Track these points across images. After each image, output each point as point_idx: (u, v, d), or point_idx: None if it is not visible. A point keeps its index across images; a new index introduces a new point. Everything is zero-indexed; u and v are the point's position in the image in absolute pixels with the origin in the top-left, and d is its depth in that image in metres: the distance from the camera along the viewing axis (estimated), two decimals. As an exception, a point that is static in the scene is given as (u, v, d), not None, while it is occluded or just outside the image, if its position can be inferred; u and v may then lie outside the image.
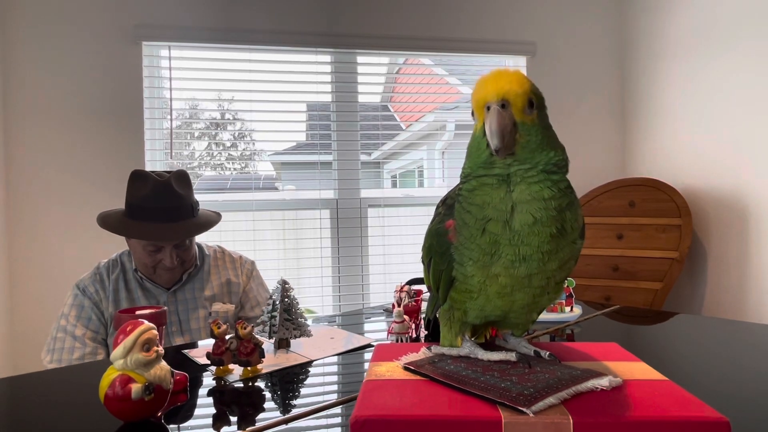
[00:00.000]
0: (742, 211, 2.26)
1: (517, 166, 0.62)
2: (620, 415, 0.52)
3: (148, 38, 2.43)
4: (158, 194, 1.45)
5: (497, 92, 0.62)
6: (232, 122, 3.16)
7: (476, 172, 0.66)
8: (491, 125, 0.61)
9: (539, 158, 0.62)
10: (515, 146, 0.62)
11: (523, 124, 0.63)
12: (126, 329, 0.74)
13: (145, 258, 1.48)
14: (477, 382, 0.60)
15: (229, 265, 1.66)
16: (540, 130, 0.63)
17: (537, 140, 0.63)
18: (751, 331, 1.34)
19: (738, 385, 0.89)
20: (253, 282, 1.67)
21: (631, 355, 0.72)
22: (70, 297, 1.50)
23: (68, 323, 1.45)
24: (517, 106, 0.62)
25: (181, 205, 1.47)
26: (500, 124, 0.61)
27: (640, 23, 2.84)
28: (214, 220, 1.57)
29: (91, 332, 1.45)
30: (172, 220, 1.45)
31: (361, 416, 0.54)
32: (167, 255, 1.47)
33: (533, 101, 0.63)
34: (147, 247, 1.46)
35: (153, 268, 1.50)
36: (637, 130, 2.88)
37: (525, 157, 0.62)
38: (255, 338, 0.98)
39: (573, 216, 0.64)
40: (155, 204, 1.44)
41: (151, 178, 1.46)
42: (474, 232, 0.64)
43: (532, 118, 0.63)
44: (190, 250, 1.54)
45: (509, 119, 0.61)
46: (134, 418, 0.74)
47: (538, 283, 0.64)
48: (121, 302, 1.50)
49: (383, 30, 2.68)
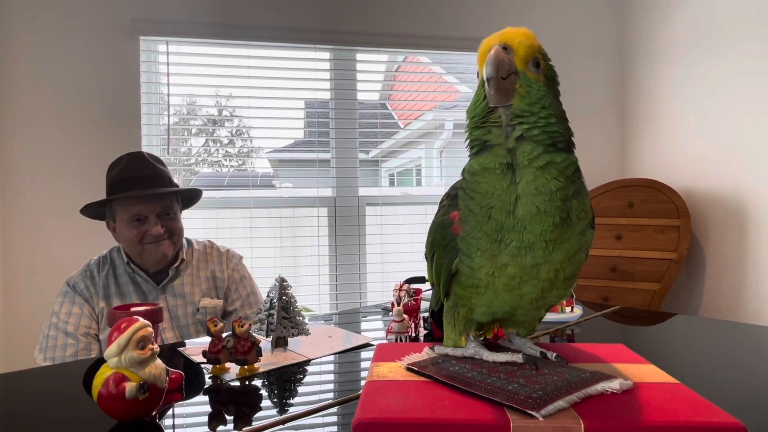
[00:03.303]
0: (741, 212, 2.26)
1: (519, 127, 0.60)
2: (633, 419, 0.51)
3: (145, 33, 2.40)
4: (133, 165, 1.49)
5: (501, 37, 0.61)
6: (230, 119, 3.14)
7: (474, 134, 0.64)
8: (488, 58, 0.60)
9: (539, 114, 0.60)
10: (513, 95, 0.61)
11: (524, 75, 0.61)
12: (120, 326, 0.72)
13: (131, 233, 1.47)
14: (483, 384, 0.58)
15: (216, 258, 1.65)
16: (543, 89, 0.62)
17: (538, 95, 0.61)
18: (749, 332, 1.33)
19: (741, 387, 0.88)
20: (236, 275, 1.65)
21: (639, 357, 0.71)
22: (61, 294, 1.49)
23: (60, 320, 1.44)
24: (519, 54, 0.61)
25: (157, 174, 1.51)
26: (497, 57, 0.59)
27: (639, 25, 2.83)
28: (196, 191, 1.63)
29: (83, 328, 1.44)
30: (152, 186, 1.48)
31: (364, 419, 0.52)
32: (152, 223, 1.47)
33: (540, 62, 0.62)
34: (131, 220, 1.46)
35: (141, 245, 1.48)
36: (637, 131, 2.87)
37: (523, 108, 0.60)
38: (252, 336, 0.96)
39: (580, 205, 0.62)
40: (131, 173, 1.47)
41: (125, 156, 1.52)
42: (480, 219, 0.62)
43: (537, 77, 0.62)
44: (176, 222, 1.54)
45: (508, 59, 0.60)
46: (128, 417, 0.72)
47: (546, 275, 0.62)
48: (111, 297, 1.50)
49: (382, 27, 2.66)
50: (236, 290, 1.63)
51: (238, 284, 1.64)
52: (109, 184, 1.50)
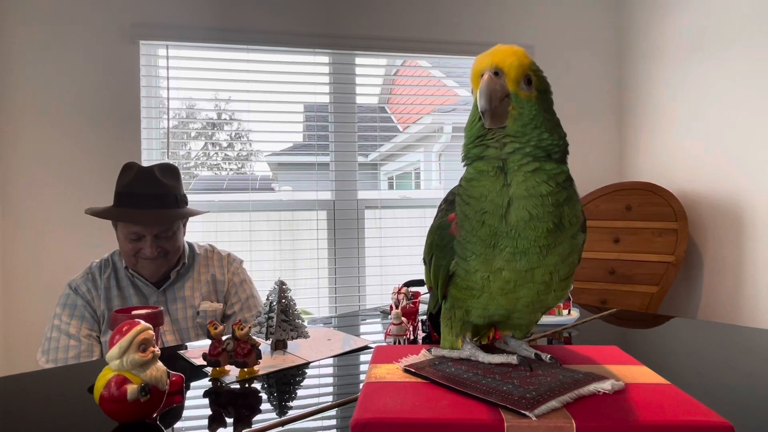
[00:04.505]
0: (738, 215, 2.27)
1: (510, 145, 0.62)
2: (624, 419, 0.52)
3: (145, 37, 2.42)
4: (140, 181, 1.48)
5: (491, 61, 0.63)
6: (229, 122, 3.15)
7: (471, 152, 0.66)
8: (480, 88, 0.62)
9: (531, 135, 0.62)
10: (506, 118, 0.63)
11: (516, 96, 0.63)
12: (122, 329, 0.73)
13: (127, 246, 1.49)
14: (478, 385, 0.59)
15: (216, 263, 1.66)
16: (536, 108, 0.63)
17: (530, 115, 0.63)
18: (746, 335, 1.34)
19: (735, 389, 0.89)
20: (236, 278, 1.66)
21: (632, 359, 0.72)
22: (63, 297, 1.50)
23: (62, 322, 1.45)
24: (510, 77, 0.63)
25: (163, 194, 1.49)
26: (489, 87, 0.62)
27: (637, 27, 2.85)
28: (194, 212, 1.60)
29: (85, 330, 1.45)
30: (153, 207, 1.47)
31: (362, 419, 0.53)
32: (147, 244, 1.47)
33: (531, 79, 0.63)
34: (129, 235, 1.47)
35: (135, 258, 1.50)
36: (634, 134, 2.88)
37: (516, 130, 0.62)
38: (252, 339, 0.97)
39: (571, 211, 0.63)
40: (137, 190, 1.46)
41: (135, 167, 1.50)
42: (474, 224, 0.64)
43: (530, 95, 0.63)
44: (174, 242, 1.53)
45: (500, 85, 0.62)
46: (130, 419, 0.73)
47: (541, 278, 0.64)
48: (112, 300, 1.51)
49: (381, 31, 2.68)
50: (236, 293, 1.64)
51: (237, 288, 1.65)
52: (116, 191, 1.51)
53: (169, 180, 1.52)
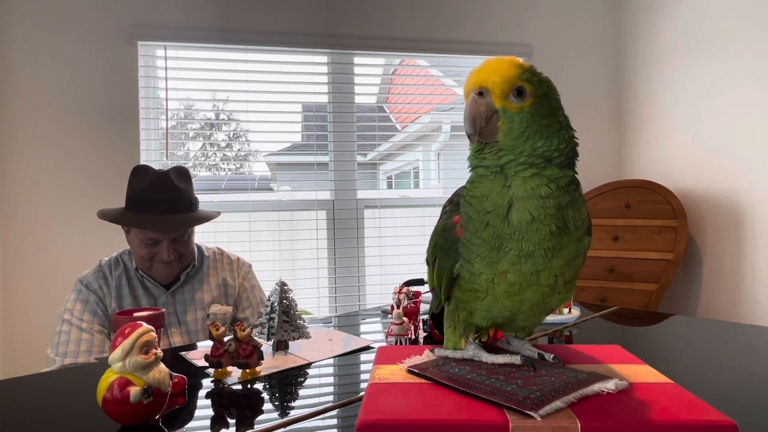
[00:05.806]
0: (737, 213, 2.27)
1: (505, 157, 0.63)
2: (628, 418, 0.52)
3: (143, 38, 2.41)
4: (156, 186, 1.46)
5: (475, 81, 0.64)
6: (228, 122, 3.15)
7: (472, 162, 0.67)
8: (464, 112, 0.64)
9: (522, 147, 0.62)
10: (497, 133, 0.63)
11: (505, 111, 0.63)
12: (124, 331, 0.73)
13: (142, 251, 1.48)
14: (482, 386, 0.59)
15: (227, 266, 1.66)
16: (528, 118, 0.63)
17: (521, 128, 0.63)
18: (746, 332, 1.34)
19: (737, 387, 0.89)
20: (247, 283, 1.67)
21: (635, 358, 0.72)
22: (74, 292, 1.49)
23: (73, 317, 1.43)
24: (496, 93, 0.63)
25: (179, 198, 1.48)
26: (471, 111, 0.63)
27: (636, 26, 2.85)
28: (212, 215, 1.58)
29: (97, 325, 1.44)
30: (170, 212, 1.46)
31: (368, 420, 0.53)
32: (164, 248, 1.47)
33: (523, 89, 0.63)
34: (145, 240, 1.46)
35: (150, 262, 1.49)
36: (633, 133, 2.89)
37: (507, 144, 0.63)
38: (253, 340, 0.97)
39: (576, 214, 0.63)
40: (153, 196, 1.45)
41: (150, 171, 1.49)
42: (478, 226, 0.64)
43: (521, 105, 0.63)
44: (188, 245, 1.54)
45: (484, 106, 0.63)
46: (132, 421, 0.73)
47: (547, 281, 0.64)
48: (123, 299, 1.50)
49: (380, 31, 2.68)
50: (247, 299, 1.64)
51: (249, 293, 1.65)
52: (129, 196, 1.49)
53: (183, 184, 1.51)
